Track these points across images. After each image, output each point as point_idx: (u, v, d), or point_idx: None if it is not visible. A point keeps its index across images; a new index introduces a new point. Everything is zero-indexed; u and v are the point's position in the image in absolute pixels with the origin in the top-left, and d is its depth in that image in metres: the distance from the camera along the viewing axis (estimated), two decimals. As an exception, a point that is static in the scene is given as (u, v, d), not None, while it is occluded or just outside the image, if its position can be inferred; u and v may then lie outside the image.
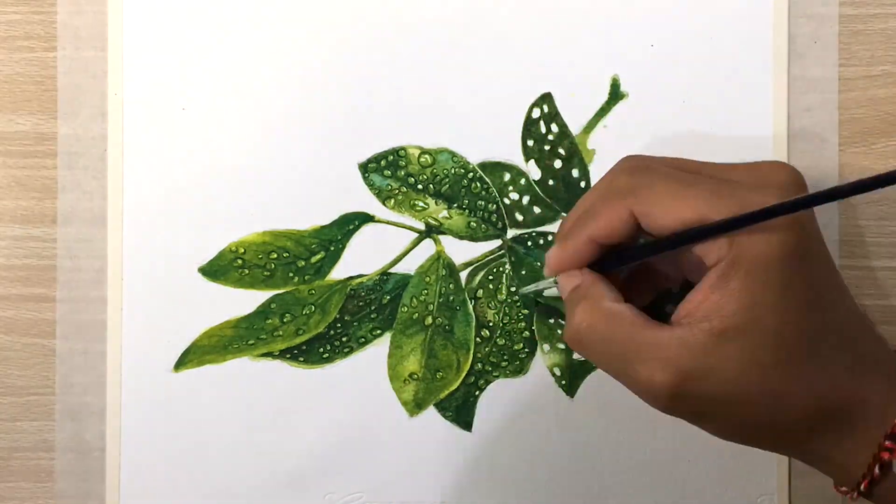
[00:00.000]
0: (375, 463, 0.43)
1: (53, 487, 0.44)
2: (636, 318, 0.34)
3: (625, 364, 0.34)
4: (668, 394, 0.33)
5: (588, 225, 0.35)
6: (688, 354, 0.32)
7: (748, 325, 0.32)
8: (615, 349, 0.34)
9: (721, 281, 0.32)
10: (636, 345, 0.33)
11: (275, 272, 0.44)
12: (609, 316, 0.34)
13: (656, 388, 0.33)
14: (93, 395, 0.44)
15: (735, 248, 0.32)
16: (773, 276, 0.32)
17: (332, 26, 0.44)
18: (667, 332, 0.33)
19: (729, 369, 0.32)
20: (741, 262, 0.32)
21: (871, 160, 0.43)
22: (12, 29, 0.44)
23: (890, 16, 0.44)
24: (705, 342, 0.32)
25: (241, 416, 0.43)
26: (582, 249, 0.36)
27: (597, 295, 0.35)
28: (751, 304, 0.32)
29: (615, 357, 0.34)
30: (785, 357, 0.33)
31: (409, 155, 0.44)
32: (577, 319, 0.35)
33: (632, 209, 0.34)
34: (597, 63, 0.43)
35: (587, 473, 0.43)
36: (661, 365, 0.33)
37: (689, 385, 0.33)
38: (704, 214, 0.33)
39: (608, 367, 0.35)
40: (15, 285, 0.44)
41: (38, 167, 0.44)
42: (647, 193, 0.34)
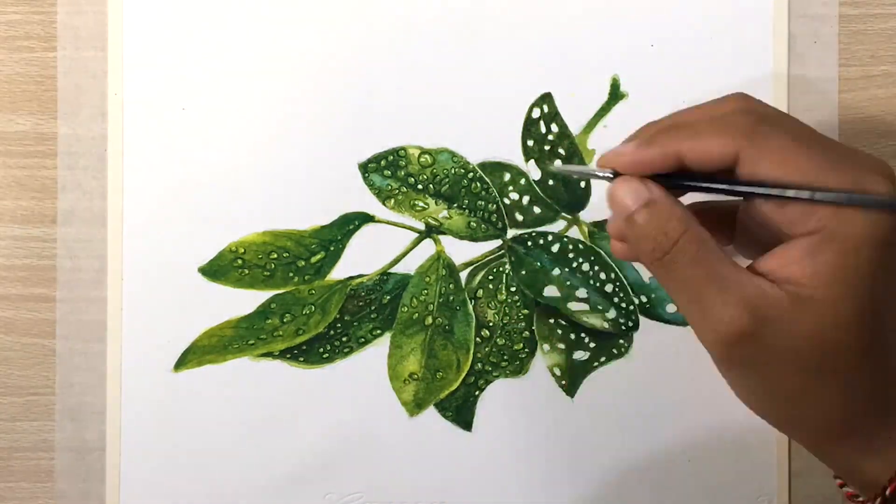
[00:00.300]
0: (375, 463, 0.43)
1: (53, 487, 0.44)
2: (722, 252, 0.33)
3: (703, 292, 0.32)
4: (736, 332, 0.32)
5: (685, 140, 0.33)
6: (767, 303, 0.32)
7: (829, 300, 0.32)
8: (700, 275, 0.33)
9: (813, 250, 0.32)
10: (721, 276, 0.32)
11: (275, 272, 0.44)
12: (701, 241, 0.33)
13: (727, 324, 0.32)
14: (93, 395, 0.44)
15: (834, 222, 0.31)
16: (864, 259, 0.31)
17: (333, 26, 0.44)
18: (749, 277, 0.32)
19: (800, 335, 0.32)
20: (836, 237, 0.31)
21: (871, 160, 0.43)
22: (12, 29, 0.44)
23: (890, 16, 0.44)
24: (783, 300, 0.32)
25: (241, 416, 0.43)
26: (664, 159, 0.34)
27: (684, 215, 0.33)
28: (837, 280, 0.31)
29: (696, 283, 0.33)
30: (852, 343, 0.32)
31: (409, 155, 0.44)
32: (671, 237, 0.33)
33: (740, 150, 0.32)
34: (597, 63, 0.43)
35: (587, 473, 0.43)
36: (738, 301, 0.32)
37: (759, 333, 0.32)
38: (812, 181, 0.32)
39: (685, 292, 0.33)
40: (15, 285, 0.44)
41: (38, 167, 0.44)
42: (763, 142, 0.32)
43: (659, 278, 0.34)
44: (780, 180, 0.32)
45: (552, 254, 0.44)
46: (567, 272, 0.43)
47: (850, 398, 0.33)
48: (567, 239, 0.44)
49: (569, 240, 0.44)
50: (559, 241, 0.44)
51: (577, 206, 0.44)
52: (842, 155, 0.33)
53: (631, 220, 0.34)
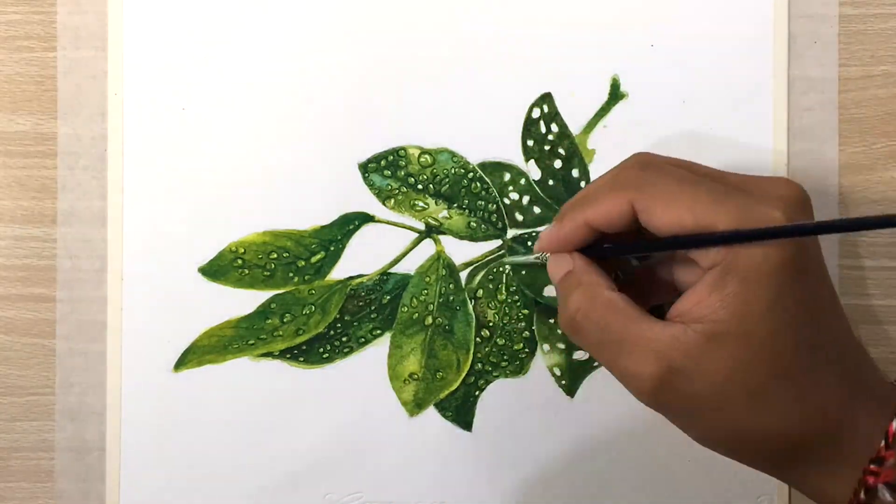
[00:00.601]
0: (375, 463, 0.43)
1: (53, 487, 0.44)
2: (631, 309, 0.34)
3: (616, 353, 0.34)
4: (652, 386, 0.33)
5: (586, 209, 0.35)
6: (678, 350, 0.33)
7: (739, 331, 0.32)
8: (609, 338, 0.34)
9: (716, 285, 0.32)
10: (629, 335, 0.34)
11: (275, 272, 0.44)
12: (605, 304, 0.35)
13: (643, 379, 0.33)
14: (93, 395, 0.44)
15: (731, 255, 0.32)
16: (767, 286, 0.32)
17: (332, 26, 0.44)
18: (659, 327, 0.33)
19: (716, 373, 0.32)
20: (737, 269, 0.32)
21: (871, 160, 0.43)
22: (12, 29, 0.44)
23: (890, 16, 0.44)
24: (696, 342, 0.32)
25: (241, 416, 0.43)
26: (576, 232, 0.36)
27: (593, 282, 0.35)
28: (744, 311, 0.32)
29: (608, 345, 0.34)
30: (772, 369, 0.33)
31: (409, 155, 0.44)
32: (572, 305, 0.35)
33: (633, 202, 0.34)
34: (597, 63, 0.43)
35: (587, 473, 0.43)
36: (651, 357, 0.33)
37: (675, 381, 0.33)
38: (703, 220, 0.33)
39: (600, 355, 0.35)
40: (15, 285, 0.44)
41: (38, 167, 0.44)
42: (650, 189, 0.34)
43: (576, 342, 0.36)
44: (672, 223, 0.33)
45: (552, 254, 0.44)
46: (558, 268, 0.43)
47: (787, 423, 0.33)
48: (567, 239, 0.44)
49: (569, 240, 0.44)
50: (559, 241, 0.44)
51: (577, 206, 0.44)
52: (731, 188, 0.34)
53: (557, 292, 0.37)
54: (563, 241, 0.36)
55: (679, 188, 0.34)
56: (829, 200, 0.43)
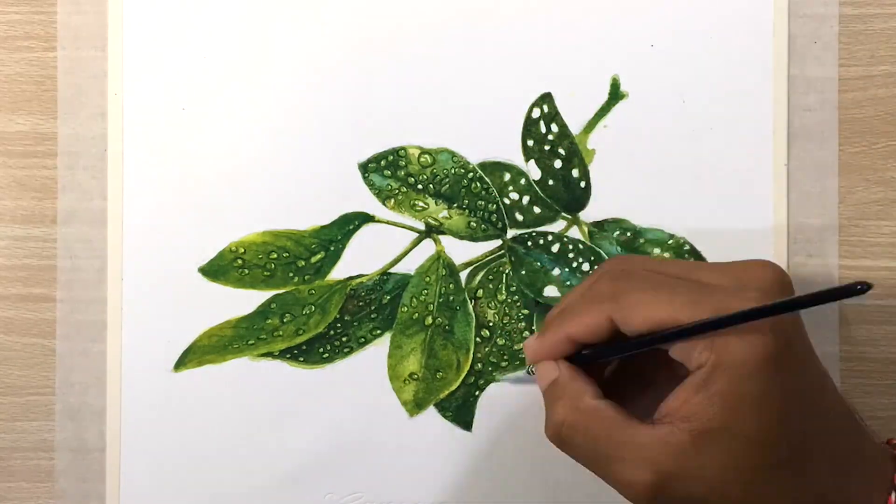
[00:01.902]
0: (375, 463, 0.43)
1: (53, 487, 0.44)
2: (616, 416, 0.34)
3: (605, 462, 0.34)
4: (647, 494, 0.33)
5: (567, 323, 0.36)
6: (668, 454, 0.33)
7: (728, 429, 0.32)
8: (596, 447, 0.34)
9: (703, 384, 0.33)
10: (616, 443, 0.34)
11: (275, 272, 0.44)
12: (589, 414, 0.34)
13: (636, 487, 0.33)
14: (93, 395, 0.44)
15: (716, 353, 0.32)
16: (753, 381, 0.32)
17: (332, 26, 0.44)
18: (647, 431, 0.33)
19: (709, 471, 0.32)
20: (721, 366, 0.32)
21: (871, 160, 0.43)
22: (12, 29, 0.44)
23: (890, 16, 0.44)
24: (686, 443, 0.32)
25: (241, 416, 0.43)
26: (559, 344, 0.36)
27: (576, 391, 0.35)
28: (730, 408, 0.32)
29: (596, 455, 0.34)
30: (764, 462, 0.33)
31: (409, 155, 0.44)
32: (557, 417, 0.35)
33: (610, 314, 0.34)
34: (597, 63, 0.43)
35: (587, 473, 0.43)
36: (641, 464, 0.33)
37: (669, 485, 0.33)
38: (679, 320, 0.33)
39: (589, 465, 0.35)
40: (15, 285, 0.44)
41: (38, 167, 0.44)
42: (625, 299, 0.34)
43: (565, 452, 0.36)
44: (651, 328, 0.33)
45: (552, 254, 0.44)
46: (567, 272, 0.43)
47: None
48: (567, 239, 0.44)
49: (569, 240, 0.44)
50: (559, 241, 0.44)
51: (577, 206, 0.44)
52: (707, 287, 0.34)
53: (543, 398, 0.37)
54: (546, 353, 0.37)
55: (654, 294, 0.34)
56: (829, 200, 0.43)
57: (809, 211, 0.43)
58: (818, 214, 0.43)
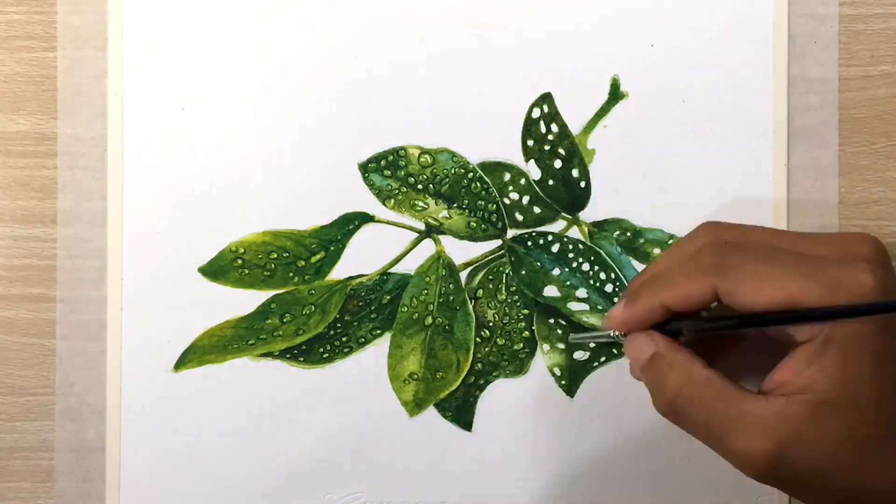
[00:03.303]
0: (375, 463, 0.43)
1: (53, 487, 0.44)
2: (730, 385, 0.34)
3: (722, 433, 0.34)
4: (767, 463, 0.33)
5: (663, 291, 0.35)
6: (786, 425, 0.33)
7: (844, 400, 0.32)
8: (713, 419, 0.34)
9: (815, 356, 0.33)
10: (734, 413, 0.33)
11: (275, 272, 0.44)
12: (703, 384, 0.34)
13: (756, 457, 0.33)
14: (93, 395, 0.44)
15: (829, 326, 0.32)
16: (868, 351, 0.32)
17: (332, 26, 0.44)
18: (763, 402, 0.33)
19: (826, 442, 0.33)
20: (835, 338, 0.32)
21: (871, 160, 0.43)
22: (12, 29, 0.44)
23: (890, 16, 0.44)
24: (803, 414, 0.32)
25: (241, 416, 0.43)
26: (652, 313, 0.36)
27: (685, 362, 0.35)
28: (846, 378, 0.32)
29: (713, 426, 0.34)
30: (881, 432, 0.33)
31: (409, 155, 0.44)
32: (671, 390, 0.35)
33: (717, 287, 0.34)
34: (597, 63, 0.43)
35: (587, 474, 0.43)
36: (759, 434, 0.33)
37: (787, 455, 0.33)
38: (794, 296, 0.33)
39: (705, 436, 0.35)
40: (15, 285, 0.44)
41: (38, 167, 0.44)
42: (734, 274, 0.34)
43: (678, 425, 0.36)
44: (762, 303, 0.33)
45: (552, 254, 0.44)
46: (567, 272, 0.43)
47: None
48: (567, 239, 0.44)
49: (569, 240, 0.44)
50: (559, 241, 0.44)
51: (577, 206, 0.44)
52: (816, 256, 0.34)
53: (643, 372, 0.36)
54: (637, 322, 0.36)
55: (765, 267, 0.33)
56: (829, 200, 0.43)
57: (809, 211, 0.43)
58: (818, 214, 0.43)
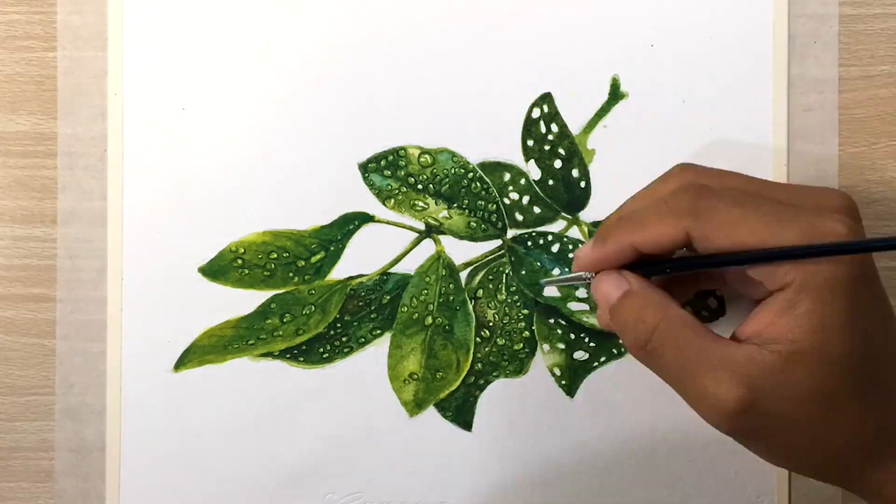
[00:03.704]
0: (375, 463, 0.43)
1: (53, 487, 0.44)
2: (703, 328, 0.34)
3: (693, 375, 0.33)
4: (733, 409, 0.32)
5: (634, 232, 0.35)
6: (757, 372, 0.32)
7: (817, 349, 0.32)
8: (685, 358, 0.33)
9: (788, 305, 0.32)
10: (706, 356, 0.33)
11: (275, 272, 0.44)
12: (682, 323, 0.34)
13: (726, 403, 0.32)
14: (93, 395, 0.44)
15: (802, 273, 0.32)
16: (841, 301, 0.32)
17: (332, 26, 0.44)
18: (735, 348, 0.33)
19: (796, 392, 0.32)
20: (808, 287, 0.32)
21: (872, 160, 0.43)
22: (12, 29, 0.44)
23: (890, 16, 0.44)
24: (775, 363, 0.32)
25: (241, 416, 0.43)
26: (621, 254, 0.35)
27: (660, 300, 0.34)
28: (820, 329, 0.32)
29: (684, 366, 0.33)
30: (849, 384, 0.32)
31: (409, 155, 0.44)
32: (646, 327, 0.34)
33: (689, 229, 0.33)
34: (597, 63, 0.43)
35: (587, 473, 0.43)
36: (730, 378, 0.32)
37: (758, 402, 0.32)
38: (766, 240, 0.32)
39: (675, 377, 0.34)
40: (15, 285, 0.44)
41: (38, 167, 0.44)
42: (707, 215, 0.33)
43: (647, 365, 0.35)
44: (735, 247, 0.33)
45: (552, 254, 0.44)
46: (567, 272, 0.43)
47: (864, 434, 0.33)
48: (567, 239, 0.44)
49: (569, 240, 0.44)
50: (559, 241, 0.44)
51: (577, 206, 0.44)
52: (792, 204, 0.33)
53: (612, 312, 0.36)
54: (606, 262, 0.36)
55: (739, 211, 0.33)
56: (829, 200, 0.43)
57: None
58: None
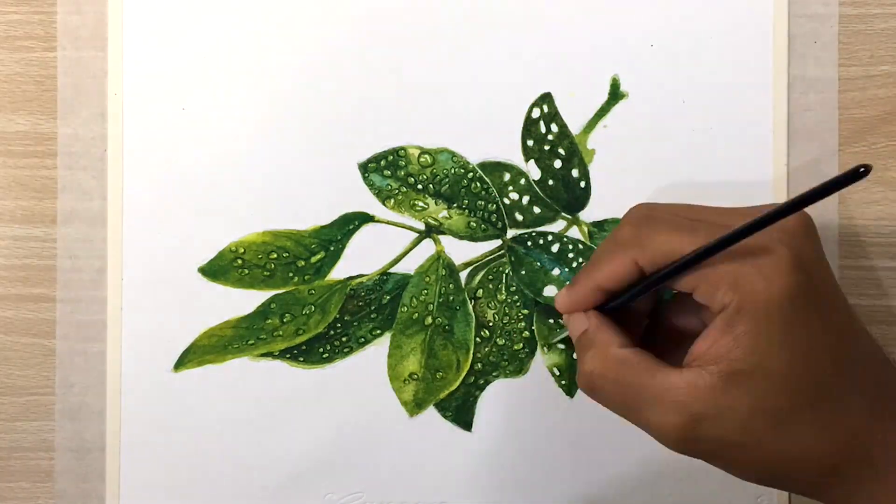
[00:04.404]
0: (375, 463, 0.43)
1: (53, 487, 0.44)
2: (645, 362, 0.34)
3: (636, 409, 0.34)
4: (678, 436, 0.33)
5: (593, 274, 0.36)
6: (697, 397, 0.33)
7: (755, 369, 0.32)
8: (626, 394, 0.35)
9: (728, 326, 0.33)
10: (646, 389, 0.34)
11: (275, 272, 0.44)
12: (618, 362, 0.35)
13: (667, 430, 0.33)
14: (93, 395, 0.44)
15: (739, 294, 0.32)
16: (777, 319, 0.32)
17: (332, 26, 0.44)
18: (676, 375, 0.33)
19: (738, 412, 0.32)
20: (745, 306, 0.32)
21: (871, 160, 0.43)
22: (12, 29, 0.44)
23: (890, 16, 0.44)
24: (714, 385, 0.33)
25: (240, 415, 0.43)
26: (588, 295, 0.37)
27: (605, 341, 0.36)
28: (757, 348, 0.32)
29: (626, 401, 0.35)
30: (794, 401, 0.33)
31: (409, 155, 0.44)
32: (587, 367, 0.36)
33: (635, 258, 0.35)
34: (597, 63, 0.43)
35: (587, 473, 0.43)
36: (671, 408, 0.33)
37: (700, 428, 0.33)
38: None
39: (620, 412, 0.35)
40: (15, 285, 0.44)
41: (38, 167, 0.44)
42: (648, 241, 0.35)
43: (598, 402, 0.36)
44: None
45: (552, 254, 0.44)
46: (567, 272, 0.43)
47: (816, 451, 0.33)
48: (567, 239, 0.44)
49: (569, 240, 0.44)
50: (559, 241, 0.44)
51: (577, 206, 0.44)
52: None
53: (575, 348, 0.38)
54: (577, 304, 0.37)
55: (675, 235, 0.34)
56: (829, 200, 0.43)
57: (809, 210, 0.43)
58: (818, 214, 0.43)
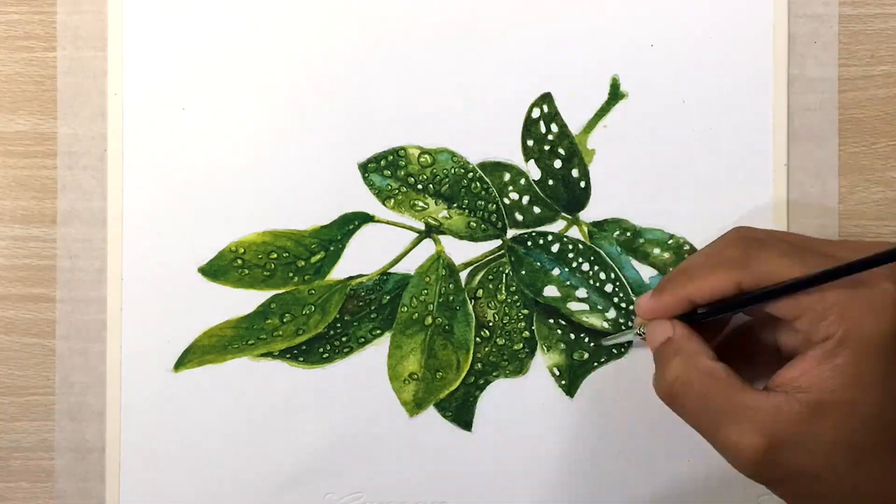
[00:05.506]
0: (375, 463, 0.43)
1: (53, 487, 0.44)
2: (732, 379, 0.34)
3: (716, 424, 0.34)
4: (753, 459, 0.33)
5: (688, 286, 0.36)
6: (781, 422, 0.32)
7: (847, 402, 0.32)
8: (709, 407, 0.34)
9: (828, 356, 0.32)
10: (730, 405, 0.33)
11: (275, 272, 0.44)
12: (705, 373, 0.34)
13: (744, 451, 0.33)
14: (93, 395, 0.44)
15: (846, 325, 0.32)
16: (880, 355, 0.32)
17: (332, 26, 0.44)
18: (762, 397, 0.33)
19: (820, 444, 0.32)
20: (850, 339, 0.32)
21: (871, 160, 0.43)
22: (12, 29, 0.44)
23: (890, 16, 0.44)
24: (801, 412, 0.32)
25: (241, 416, 0.43)
26: (677, 304, 0.36)
27: (692, 350, 0.35)
28: (854, 382, 0.32)
29: (708, 415, 0.34)
30: (879, 440, 0.32)
31: (409, 155, 0.44)
32: (671, 374, 0.35)
33: (740, 280, 0.34)
34: (597, 63, 0.43)
35: (587, 473, 0.43)
36: (752, 428, 0.33)
37: (778, 453, 0.33)
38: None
39: (699, 425, 0.35)
40: (15, 285, 0.44)
41: (38, 167, 0.44)
42: (756, 265, 0.34)
43: (675, 411, 0.36)
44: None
45: (552, 254, 0.44)
46: (567, 272, 0.43)
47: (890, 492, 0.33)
48: (567, 239, 0.44)
49: (569, 240, 0.44)
50: (559, 241, 0.44)
51: (577, 205, 0.44)
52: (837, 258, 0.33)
53: (654, 355, 0.37)
54: (662, 311, 0.37)
55: (786, 262, 0.34)
56: (829, 201, 0.43)
57: (809, 211, 0.43)
58: (818, 214, 0.43)
